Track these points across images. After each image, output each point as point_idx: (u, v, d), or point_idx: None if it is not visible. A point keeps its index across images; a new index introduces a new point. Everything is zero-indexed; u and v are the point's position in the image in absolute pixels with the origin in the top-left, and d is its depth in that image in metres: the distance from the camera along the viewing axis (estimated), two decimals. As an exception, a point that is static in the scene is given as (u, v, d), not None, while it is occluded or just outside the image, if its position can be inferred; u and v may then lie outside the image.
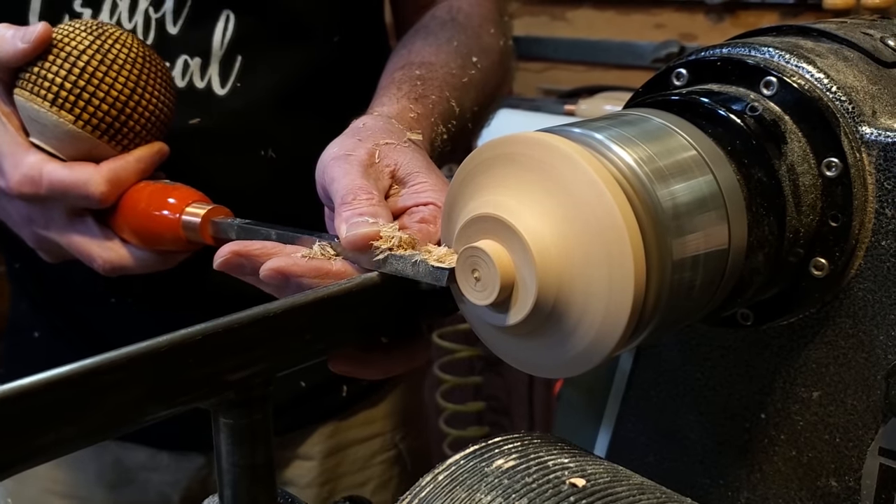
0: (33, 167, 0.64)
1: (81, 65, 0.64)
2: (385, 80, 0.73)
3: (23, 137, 0.66)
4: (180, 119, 0.74)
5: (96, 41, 0.65)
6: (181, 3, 0.76)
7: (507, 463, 0.30)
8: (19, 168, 0.64)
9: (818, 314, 0.47)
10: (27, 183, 0.64)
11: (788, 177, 0.44)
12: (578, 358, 0.39)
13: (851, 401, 0.47)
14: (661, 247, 0.38)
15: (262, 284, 0.50)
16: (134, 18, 0.76)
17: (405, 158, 0.56)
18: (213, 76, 0.78)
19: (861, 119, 0.45)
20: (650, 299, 0.38)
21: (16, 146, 0.66)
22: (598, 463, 0.30)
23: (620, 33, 1.78)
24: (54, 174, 0.64)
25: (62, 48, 0.64)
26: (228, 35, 0.77)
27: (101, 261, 0.67)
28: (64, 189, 0.64)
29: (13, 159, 0.65)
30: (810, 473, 0.49)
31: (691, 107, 0.45)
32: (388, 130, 0.60)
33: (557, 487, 0.28)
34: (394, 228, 0.46)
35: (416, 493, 0.29)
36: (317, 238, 0.51)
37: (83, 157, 0.66)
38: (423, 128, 0.66)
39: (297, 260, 0.49)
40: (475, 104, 0.76)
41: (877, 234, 0.45)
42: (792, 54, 0.46)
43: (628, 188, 0.38)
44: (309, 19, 0.81)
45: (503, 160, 0.40)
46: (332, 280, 0.47)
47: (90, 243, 0.67)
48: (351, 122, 0.61)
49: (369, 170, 0.54)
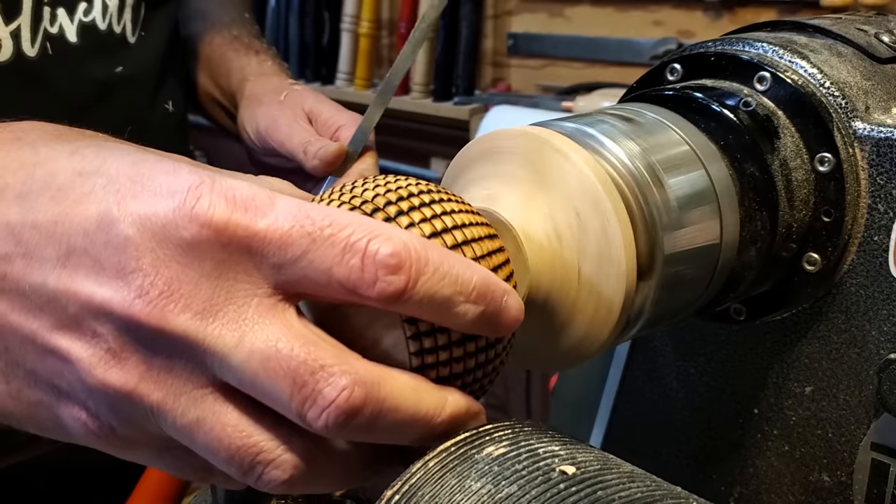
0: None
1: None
2: (211, 48, 0.91)
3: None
4: (107, 66, 0.75)
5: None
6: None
7: (497, 450, 0.30)
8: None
9: (811, 309, 0.48)
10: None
11: (781, 172, 0.44)
12: (571, 352, 0.40)
13: (844, 396, 0.47)
14: (651, 237, 0.38)
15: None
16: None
17: (307, 101, 0.78)
18: (127, 22, 0.78)
19: (854, 114, 0.45)
20: (642, 292, 0.38)
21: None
22: (589, 451, 0.31)
23: (619, 30, 1.78)
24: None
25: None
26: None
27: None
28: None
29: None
30: (803, 468, 0.49)
31: (685, 102, 0.45)
32: (277, 89, 0.81)
33: (547, 475, 0.28)
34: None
35: (407, 479, 0.29)
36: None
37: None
38: (278, 65, 0.89)
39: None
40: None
41: (869, 230, 0.45)
42: (786, 50, 0.46)
43: (620, 183, 0.38)
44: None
45: (496, 154, 0.40)
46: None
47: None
48: (244, 92, 0.83)
49: (301, 121, 0.76)
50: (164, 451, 0.33)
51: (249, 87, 0.84)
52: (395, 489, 0.29)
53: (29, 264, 0.31)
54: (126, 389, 0.30)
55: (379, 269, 0.29)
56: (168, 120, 0.85)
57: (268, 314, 0.30)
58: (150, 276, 0.29)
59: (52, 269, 0.30)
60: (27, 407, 0.33)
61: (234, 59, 0.89)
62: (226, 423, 0.31)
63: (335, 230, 0.30)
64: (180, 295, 0.29)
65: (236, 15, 0.97)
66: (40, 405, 0.32)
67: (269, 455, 0.31)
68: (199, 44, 0.93)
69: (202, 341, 0.30)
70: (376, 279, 0.29)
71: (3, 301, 0.31)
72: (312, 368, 0.29)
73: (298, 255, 0.30)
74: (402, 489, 0.29)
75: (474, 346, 0.34)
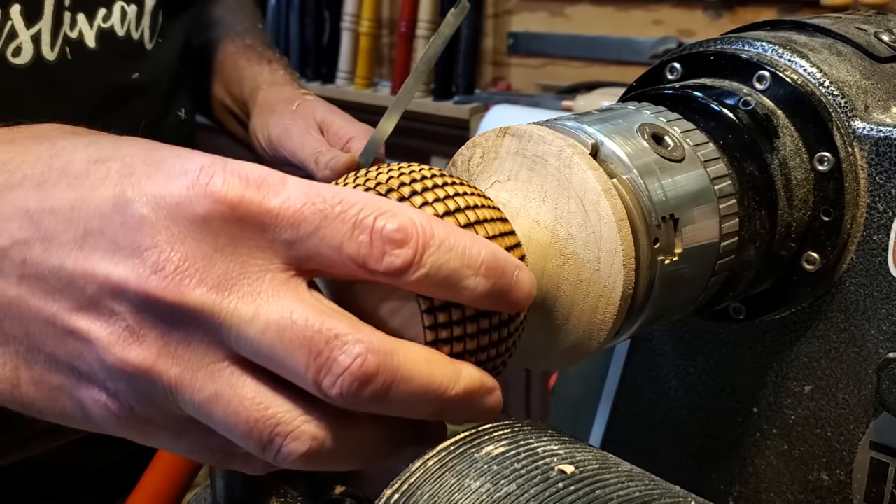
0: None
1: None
2: (224, 57, 0.92)
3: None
4: (124, 73, 0.76)
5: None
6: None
7: (496, 449, 0.30)
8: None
9: (810, 308, 0.48)
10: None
11: (780, 171, 0.44)
12: (570, 349, 0.40)
13: (843, 395, 0.47)
14: (650, 235, 0.38)
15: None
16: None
17: (318, 111, 0.78)
18: (145, 29, 0.78)
19: (853, 114, 0.45)
20: (640, 289, 0.38)
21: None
22: (588, 450, 0.31)
23: (619, 29, 1.78)
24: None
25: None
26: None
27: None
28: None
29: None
30: (802, 467, 0.49)
31: (684, 101, 0.45)
32: (289, 98, 0.81)
33: (546, 474, 0.28)
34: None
35: (406, 478, 0.29)
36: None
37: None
38: (290, 75, 0.90)
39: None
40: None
41: (868, 229, 0.45)
42: (785, 49, 0.46)
43: (619, 180, 0.38)
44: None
45: (493, 152, 0.40)
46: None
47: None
48: (256, 101, 0.83)
49: (313, 131, 0.76)
50: (184, 433, 0.33)
51: (262, 95, 0.85)
52: (394, 488, 0.29)
53: (48, 249, 0.31)
54: (145, 366, 0.30)
55: (386, 244, 0.30)
56: (179, 127, 0.85)
57: (282, 287, 0.31)
58: (166, 253, 0.30)
59: (70, 252, 0.31)
60: (48, 392, 0.33)
61: (246, 68, 0.89)
62: (243, 397, 0.31)
63: (345, 207, 0.30)
64: (195, 270, 0.30)
65: (249, 24, 0.97)
66: (61, 389, 0.33)
67: (288, 427, 0.31)
68: (213, 52, 0.93)
69: (218, 315, 0.30)
70: (384, 253, 0.30)
71: (22, 286, 0.31)
72: (327, 337, 0.30)
73: (310, 231, 0.30)
74: (402, 488, 0.29)
75: (488, 322, 0.34)
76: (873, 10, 0.58)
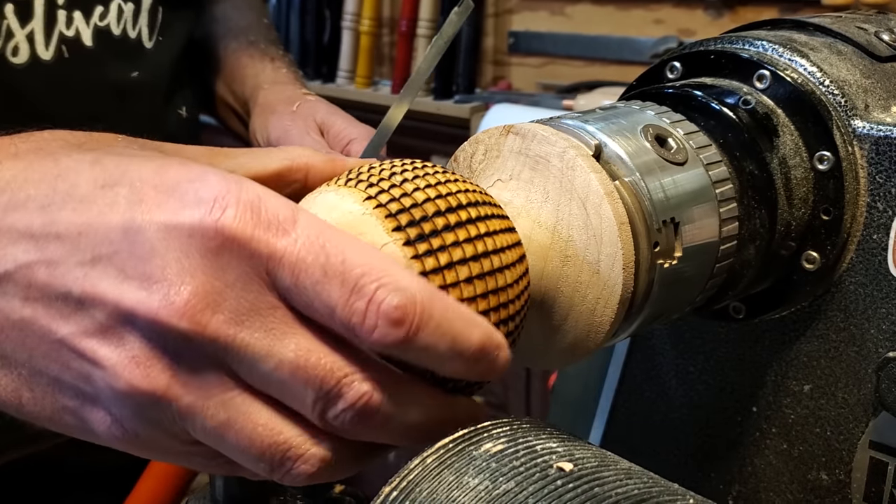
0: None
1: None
2: (226, 54, 0.90)
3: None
4: (123, 71, 0.75)
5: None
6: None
7: (495, 447, 0.30)
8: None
9: (810, 308, 0.48)
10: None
11: (780, 170, 0.44)
12: (570, 348, 0.40)
13: (842, 394, 0.47)
14: (650, 239, 0.38)
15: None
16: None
17: (319, 112, 0.75)
18: (143, 27, 0.78)
19: (853, 113, 0.45)
20: (639, 291, 0.38)
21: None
22: (587, 448, 0.31)
23: (619, 29, 1.78)
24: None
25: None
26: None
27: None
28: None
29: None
30: (801, 466, 0.49)
31: (684, 100, 0.45)
32: (290, 99, 0.78)
33: (545, 471, 0.28)
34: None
35: (405, 475, 0.29)
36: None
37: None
38: (293, 73, 0.87)
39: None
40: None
41: (868, 228, 0.45)
42: (785, 48, 0.46)
43: (619, 180, 0.38)
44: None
45: (496, 150, 0.40)
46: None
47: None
48: (257, 100, 0.80)
49: (312, 133, 0.73)
50: (189, 454, 0.34)
51: (262, 95, 0.84)
52: (393, 485, 0.29)
53: (53, 273, 0.31)
54: (155, 394, 0.30)
55: (380, 319, 0.30)
56: (182, 125, 0.85)
57: (294, 323, 0.31)
58: (176, 286, 0.29)
59: (78, 277, 0.30)
60: (52, 413, 0.33)
61: (248, 66, 0.88)
62: (256, 423, 0.31)
63: (347, 268, 0.30)
64: (206, 304, 0.30)
65: (253, 20, 0.96)
66: (65, 410, 0.32)
67: (298, 450, 0.32)
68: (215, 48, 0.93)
69: (230, 349, 0.30)
70: (376, 326, 0.30)
71: (27, 308, 0.31)
72: (337, 377, 0.30)
73: (307, 285, 0.30)
74: (401, 485, 0.29)
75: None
76: (874, 10, 0.58)
